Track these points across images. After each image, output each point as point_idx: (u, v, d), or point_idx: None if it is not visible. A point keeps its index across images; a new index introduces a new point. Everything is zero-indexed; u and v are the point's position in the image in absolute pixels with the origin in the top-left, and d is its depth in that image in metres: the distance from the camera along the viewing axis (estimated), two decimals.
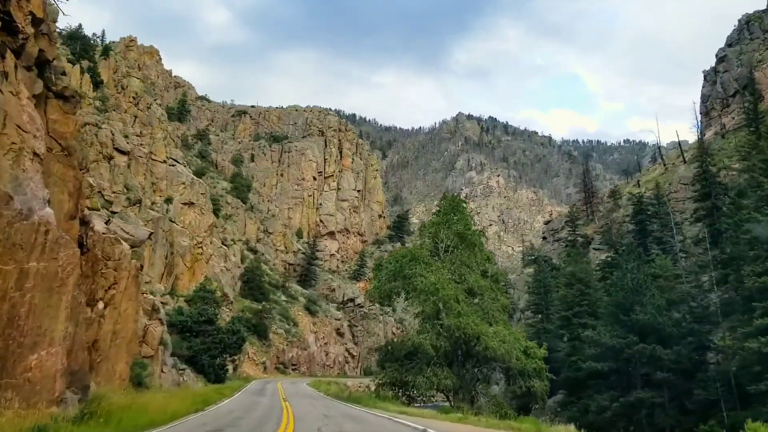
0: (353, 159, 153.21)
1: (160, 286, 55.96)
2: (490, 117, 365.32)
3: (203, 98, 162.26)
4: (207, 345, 46.31)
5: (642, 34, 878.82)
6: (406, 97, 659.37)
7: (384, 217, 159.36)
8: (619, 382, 38.77)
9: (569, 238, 76.99)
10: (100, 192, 55.69)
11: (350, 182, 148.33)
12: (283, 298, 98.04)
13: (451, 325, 33.61)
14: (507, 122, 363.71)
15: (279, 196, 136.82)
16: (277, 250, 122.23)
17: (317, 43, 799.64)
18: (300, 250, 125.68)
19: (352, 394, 39.49)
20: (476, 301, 37.60)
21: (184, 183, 78.61)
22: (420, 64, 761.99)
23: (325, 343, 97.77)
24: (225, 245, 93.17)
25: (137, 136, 73.11)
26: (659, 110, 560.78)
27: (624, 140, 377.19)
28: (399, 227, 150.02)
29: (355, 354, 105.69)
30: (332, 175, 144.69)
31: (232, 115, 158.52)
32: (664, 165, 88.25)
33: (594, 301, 48.13)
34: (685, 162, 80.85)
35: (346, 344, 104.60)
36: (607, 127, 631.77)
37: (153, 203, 68.80)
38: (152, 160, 72.33)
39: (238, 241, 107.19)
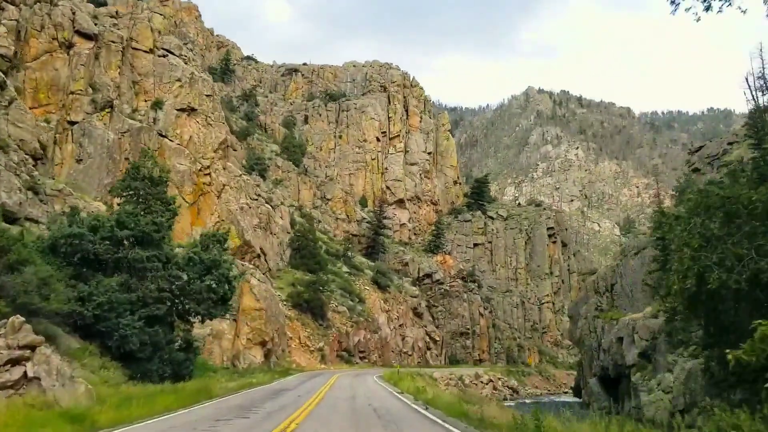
0: (421, 118, 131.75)
1: (99, 203, 35.73)
2: (562, 90, 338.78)
3: (249, 58, 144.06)
4: (141, 294, 22.08)
5: None
6: (471, 78, 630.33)
7: (459, 184, 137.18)
8: None
9: (755, 155, 52.63)
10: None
11: (419, 144, 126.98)
12: (345, 269, 77.98)
13: None
14: (581, 95, 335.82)
15: (338, 160, 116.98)
16: (337, 218, 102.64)
17: (379, 29, 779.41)
18: (365, 218, 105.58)
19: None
20: None
21: (180, 81, 55.71)
22: (484, 44, 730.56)
23: (400, 325, 77.03)
24: (270, 205, 73.98)
25: (110, 17, 52.74)
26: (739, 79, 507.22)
27: (707, 109, 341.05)
28: (479, 194, 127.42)
29: (437, 339, 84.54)
30: (398, 136, 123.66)
31: (282, 75, 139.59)
32: None
33: None
34: None
35: (425, 327, 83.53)
36: (687, 98, 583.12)
37: (134, 109, 48.51)
38: (133, 49, 51.97)
39: (289, 206, 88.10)
